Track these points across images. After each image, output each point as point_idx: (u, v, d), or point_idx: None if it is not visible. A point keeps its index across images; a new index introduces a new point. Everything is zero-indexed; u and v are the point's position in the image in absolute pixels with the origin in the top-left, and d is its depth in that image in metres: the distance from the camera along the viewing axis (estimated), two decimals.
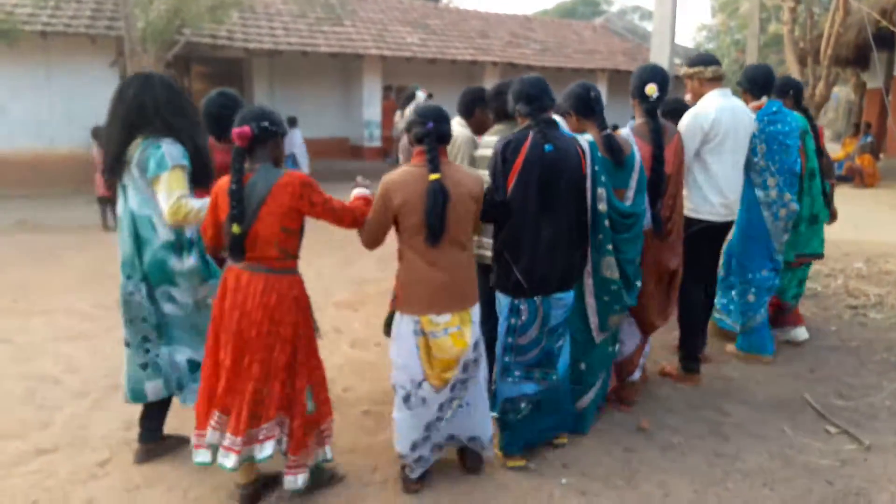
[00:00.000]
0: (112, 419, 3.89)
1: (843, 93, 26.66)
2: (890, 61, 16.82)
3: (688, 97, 4.51)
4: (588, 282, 3.57)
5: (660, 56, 7.58)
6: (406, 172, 3.07)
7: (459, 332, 3.07)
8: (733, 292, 4.96)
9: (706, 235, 4.35)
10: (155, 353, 3.34)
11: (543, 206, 3.27)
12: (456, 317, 3.07)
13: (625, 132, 3.88)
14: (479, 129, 4.10)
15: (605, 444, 3.66)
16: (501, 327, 3.38)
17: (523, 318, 3.32)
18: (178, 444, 3.54)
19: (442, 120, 3.09)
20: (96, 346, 5.04)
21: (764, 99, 4.68)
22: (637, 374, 4.11)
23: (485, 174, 3.49)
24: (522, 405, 3.41)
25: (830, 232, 5.57)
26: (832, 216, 5.27)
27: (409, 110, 5.50)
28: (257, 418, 2.89)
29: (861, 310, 5.99)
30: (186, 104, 3.37)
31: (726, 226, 4.43)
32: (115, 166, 3.24)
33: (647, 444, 3.69)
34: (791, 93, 5.02)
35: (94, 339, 5.17)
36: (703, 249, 4.37)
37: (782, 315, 5.17)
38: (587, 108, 3.66)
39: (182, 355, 3.35)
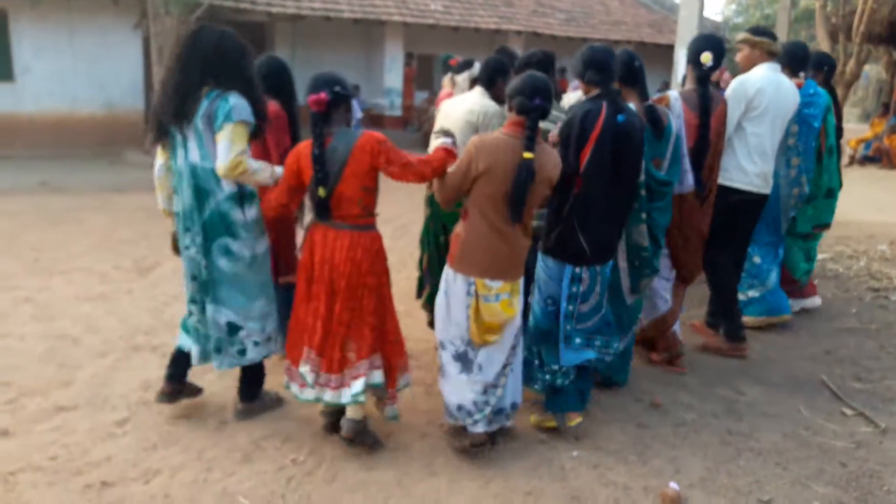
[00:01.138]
0: (131, 379, 3.95)
1: (873, 71, 26.09)
2: None
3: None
4: (620, 248, 3.67)
5: (687, 29, 7.44)
6: (498, 139, 3.06)
7: (509, 300, 3.16)
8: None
9: (741, 209, 4.40)
10: (196, 318, 3.40)
11: (612, 176, 3.30)
12: (507, 285, 3.16)
13: (673, 95, 4.00)
14: (499, 99, 4.06)
15: (618, 420, 3.67)
16: (562, 294, 3.40)
17: (584, 285, 3.39)
18: (197, 393, 3.66)
19: (549, 98, 3.06)
20: (116, 307, 5.10)
21: (802, 76, 4.72)
22: (677, 328, 4.33)
23: None
24: (570, 373, 3.49)
25: (855, 214, 5.52)
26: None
27: (462, 78, 5.39)
28: (347, 359, 3.16)
29: (882, 293, 5.93)
30: (252, 63, 3.37)
31: (762, 199, 4.45)
32: (180, 114, 3.16)
33: (661, 420, 3.69)
34: (825, 69, 5.10)
35: (114, 300, 5.23)
36: (737, 222, 4.42)
37: (797, 290, 5.27)
38: (631, 76, 3.69)
39: (224, 317, 3.35)
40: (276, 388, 3.70)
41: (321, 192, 3.02)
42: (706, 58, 3.95)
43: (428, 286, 4.47)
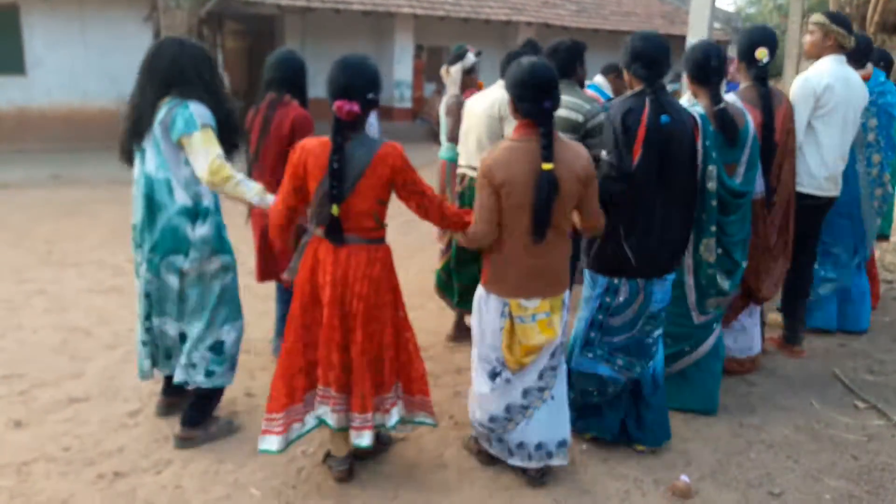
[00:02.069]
0: None
1: None
2: None
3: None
4: (688, 262, 3.43)
5: (699, 20, 7.37)
6: (509, 149, 2.74)
7: (548, 319, 2.85)
8: None
9: (810, 212, 4.10)
10: (153, 334, 3.22)
11: (659, 181, 3.01)
12: (546, 302, 2.85)
13: (731, 98, 3.63)
14: None
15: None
16: (592, 303, 3.18)
17: (620, 298, 3.13)
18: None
19: (557, 95, 2.73)
20: (127, 300, 5.12)
21: (869, 67, 4.42)
22: (757, 349, 4.13)
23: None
24: (590, 388, 3.21)
25: None
26: None
27: (455, 70, 5.39)
28: (378, 390, 2.86)
29: (895, 284, 5.88)
30: (216, 70, 3.24)
31: (831, 201, 4.16)
32: (143, 126, 3.06)
33: (672, 413, 3.67)
34: (882, 63, 4.81)
35: (125, 293, 5.25)
36: (807, 226, 4.13)
37: None
38: (702, 74, 3.41)
39: (173, 329, 3.19)
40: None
41: (335, 210, 2.68)
42: (762, 53, 3.67)
43: (448, 255, 4.45)
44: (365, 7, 14.35)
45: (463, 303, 4.41)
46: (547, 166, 2.64)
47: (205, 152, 2.94)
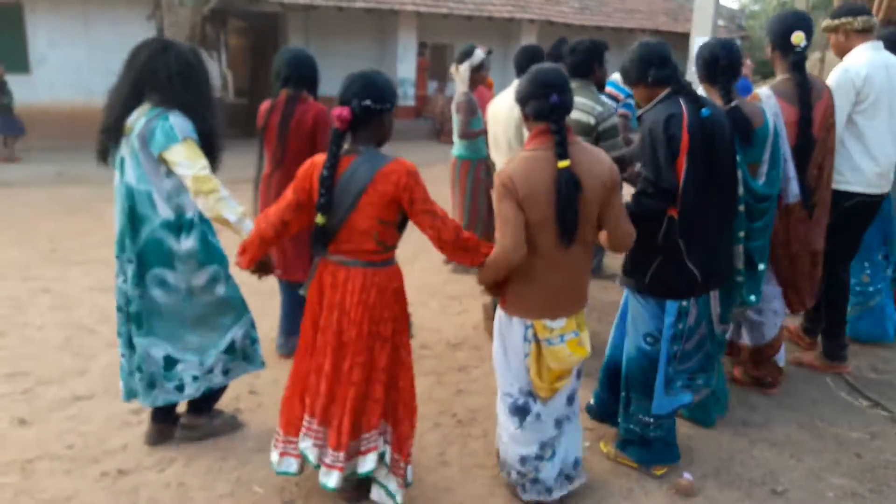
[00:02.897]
0: None
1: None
2: None
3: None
4: None
5: (703, 17, 7.37)
6: (525, 159, 2.57)
7: (578, 338, 2.68)
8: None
9: (857, 211, 3.86)
10: (122, 352, 3.08)
11: (709, 184, 2.80)
12: (572, 320, 2.68)
13: (764, 92, 3.48)
14: None
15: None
16: (665, 335, 2.92)
17: (692, 320, 2.92)
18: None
19: (566, 88, 2.56)
20: None
21: None
22: (781, 361, 3.89)
23: None
24: (669, 422, 3.07)
25: None
26: None
27: (464, 67, 5.40)
28: (358, 428, 2.66)
29: None
30: (203, 81, 3.05)
31: (880, 199, 3.92)
32: (113, 131, 2.95)
33: None
34: None
35: None
36: (851, 227, 3.89)
37: None
38: (712, 73, 3.25)
39: (160, 350, 3.03)
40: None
41: (319, 219, 2.55)
42: (798, 38, 3.40)
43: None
44: (368, 5, 14.35)
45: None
46: (563, 164, 2.47)
47: (189, 164, 2.84)
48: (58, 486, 2.92)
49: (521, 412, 2.75)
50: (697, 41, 6.73)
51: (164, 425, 3.28)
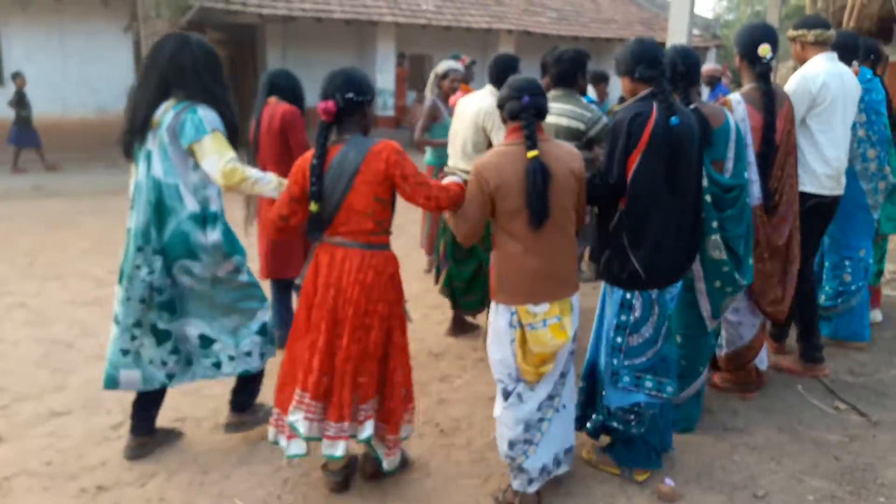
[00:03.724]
0: None
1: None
2: None
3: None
4: (695, 267, 3.30)
5: (678, 26, 7.44)
6: (499, 153, 2.79)
7: (559, 323, 2.79)
8: (824, 273, 4.62)
9: (814, 213, 3.99)
10: (140, 343, 3.10)
11: (670, 188, 2.93)
12: (555, 306, 2.79)
13: (735, 98, 3.65)
14: None
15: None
16: (608, 325, 3.06)
17: (636, 314, 3.00)
18: (172, 438, 3.39)
19: (538, 93, 2.78)
20: (110, 311, 5.05)
21: (856, 65, 4.35)
22: (764, 364, 3.95)
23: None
24: (632, 418, 3.02)
25: None
26: None
27: (431, 77, 5.50)
28: (356, 400, 2.80)
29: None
30: (221, 70, 3.15)
31: (835, 201, 4.07)
32: (142, 128, 3.00)
33: None
34: (872, 57, 4.73)
35: (108, 305, 5.17)
36: (809, 228, 3.97)
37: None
38: (671, 79, 3.28)
39: (195, 329, 3.14)
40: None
41: (313, 206, 2.73)
42: (765, 50, 3.57)
43: (445, 271, 4.57)
44: (346, 15, 14.37)
45: (464, 303, 4.57)
46: (532, 154, 2.66)
47: (217, 157, 2.93)
48: (36, 503, 2.88)
49: (507, 396, 2.87)
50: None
51: (145, 438, 3.26)
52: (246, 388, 3.38)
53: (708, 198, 3.21)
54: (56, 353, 4.34)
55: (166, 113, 2.98)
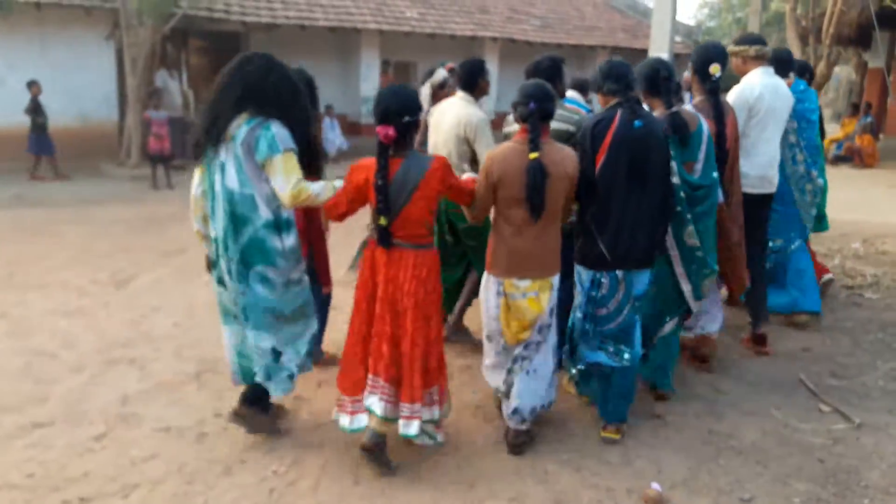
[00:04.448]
0: (108, 394, 3.90)
1: (843, 72, 26.50)
2: (892, 41, 16.70)
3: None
4: (674, 254, 3.70)
5: (661, 34, 7.52)
6: (508, 148, 3.24)
7: (537, 297, 3.28)
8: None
9: (749, 207, 4.36)
10: (236, 342, 3.36)
11: (631, 182, 3.36)
12: (535, 283, 3.27)
13: (689, 109, 3.88)
14: (483, 95, 4.34)
15: (600, 422, 3.68)
16: (581, 297, 3.53)
17: (603, 290, 3.46)
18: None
19: (545, 99, 3.18)
20: (92, 321, 5.04)
21: (792, 76, 4.83)
22: (715, 327, 4.26)
23: None
24: (594, 373, 3.58)
25: (828, 213, 5.65)
26: None
27: (425, 87, 5.52)
28: (427, 381, 3.14)
29: (857, 290, 6.01)
30: (300, 93, 3.30)
31: (765, 197, 4.53)
32: (217, 140, 3.13)
33: (642, 422, 3.71)
34: (807, 75, 5.33)
35: (91, 315, 5.17)
36: (749, 221, 4.40)
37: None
38: (654, 86, 3.73)
39: (267, 342, 3.26)
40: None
41: (382, 221, 3.04)
42: (715, 69, 3.98)
43: None
44: (330, 23, 14.37)
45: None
46: (533, 155, 3.10)
47: (286, 177, 3.06)
48: None
49: (490, 341, 3.43)
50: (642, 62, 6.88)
51: (255, 409, 3.41)
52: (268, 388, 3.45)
53: (682, 194, 3.61)
54: (38, 364, 4.28)
55: (239, 128, 3.11)
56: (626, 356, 3.49)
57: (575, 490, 3.10)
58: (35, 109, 11.07)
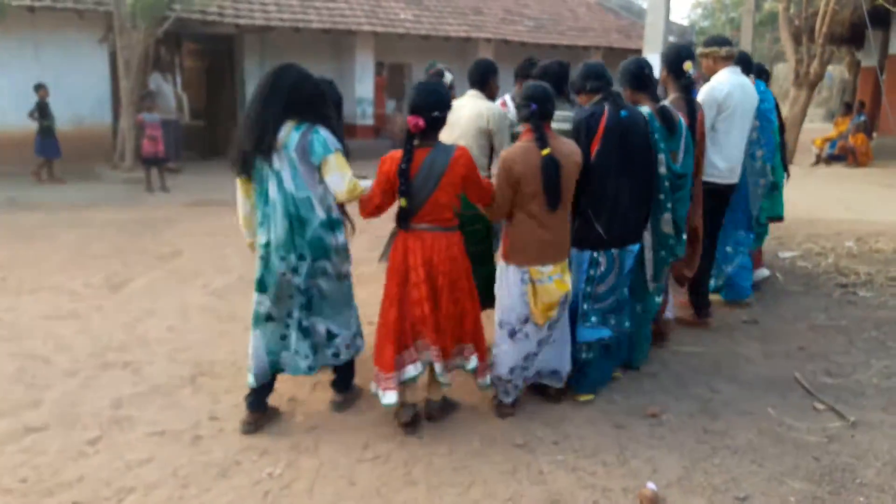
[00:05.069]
0: (102, 398, 3.89)
1: (836, 71, 26.56)
2: (885, 39, 16.71)
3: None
4: (646, 236, 4.04)
5: (654, 34, 7.54)
6: (521, 147, 3.49)
7: (561, 278, 3.59)
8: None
9: (713, 197, 4.78)
10: (289, 336, 3.54)
11: (622, 166, 3.73)
12: (557, 266, 3.58)
13: (666, 105, 4.21)
14: (492, 98, 4.45)
15: (595, 422, 3.69)
16: (580, 279, 3.83)
17: (602, 268, 3.81)
18: (275, 417, 3.70)
19: (545, 100, 3.47)
20: (86, 325, 5.02)
21: (752, 77, 5.16)
22: (670, 314, 4.75)
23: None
24: (593, 349, 3.87)
25: (822, 212, 5.72)
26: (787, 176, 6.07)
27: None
28: (459, 340, 3.57)
29: (851, 288, 6.02)
30: (329, 99, 3.59)
31: (730, 188, 4.93)
32: (264, 145, 3.34)
33: (637, 421, 3.71)
34: (764, 76, 5.79)
35: (84, 319, 5.15)
36: (710, 210, 4.77)
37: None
38: (640, 82, 4.08)
39: (323, 326, 3.58)
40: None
41: (403, 202, 3.35)
42: (688, 66, 4.34)
43: None
44: (324, 25, 14.36)
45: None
46: (545, 151, 3.39)
47: (341, 174, 3.41)
48: None
49: (514, 334, 3.64)
50: (650, 57, 6.90)
51: (258, 414, 3.60)
52: (349, 372, 3.83)
53: (666, 183, 3.96)
54: (31, 368, 4.27)
55: (289, 135, 3.36)
56: (627, 324, 3.99)
57: (571, 490, 3.10)
58: (42, 112, 11.07)
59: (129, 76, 11.53)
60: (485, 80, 4.35)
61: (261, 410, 3.62)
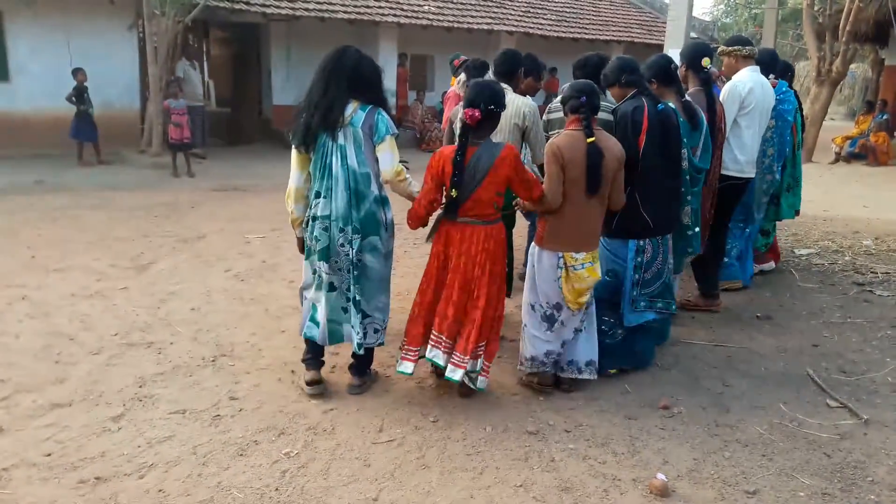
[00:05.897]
0: (126, 376, 3.99)
1: (859, 69, 26.15)
2: None
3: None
4: None
5: (677, 29, 7.50)
6: (568, 136, 3.67)
7: (593, 266, 3.75)
8: None
9: (732, 190, 5.05)
10: (350, 303, 3.70)
11: (664, 158, 3.95)
12: (589, 255, 3.74)
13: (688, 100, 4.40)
14: (522, 92, 4.61)
15: (607, 412, 3.72)
16: (629, 268, 4.03)
17: (648, 255, 4.03)
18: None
19: (593, 94, 3.65)
20: (111, 304, 5.13)
21: (773, 78, 5.32)
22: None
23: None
24: (620, 331, 4.13)
25: (840, 209, 5.73)
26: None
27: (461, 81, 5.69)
28: (480, 338, 3.61)
29: (867, 287, 5.98)
30: (383, 82, 3.75)
31: (748, 181, 5.16)
32: (331, 121, 3.50)
33: (649, 412, 3.74)
34: (789, 74, 5.95)
35: (110, 298, 5.26)
36: (727, 201, 5.06)
37: (756, 257, 6.09)
38: (669, 77, 4.29)
39: (368, 303, 3.71)
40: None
41: (454, 192, 3.49)
42: (706, 62, 4.56)
43: None
44: (349, 15, 14.40)
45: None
46: (590, 140, 3.56)
47: (393, 155, 3.59)
48: (35, 494, 2.92)
49: (549, 319, 3.81)
50: (671, 53, 6.88)
51: (318, 373, 3.82)
52: (369, 357, 3.89)
53: (687, 177, 4.17)
54: (57, 346, 4.38)
55: (355, 113, 3.54)
56: (673, 306, 4.24)
57: (581, 478, 3.14)
58: (79, 97, 11.23)
59: (157, 63, 11.66)
60: (513, 72, 4.42)
61: (321, 366, 3.85)
